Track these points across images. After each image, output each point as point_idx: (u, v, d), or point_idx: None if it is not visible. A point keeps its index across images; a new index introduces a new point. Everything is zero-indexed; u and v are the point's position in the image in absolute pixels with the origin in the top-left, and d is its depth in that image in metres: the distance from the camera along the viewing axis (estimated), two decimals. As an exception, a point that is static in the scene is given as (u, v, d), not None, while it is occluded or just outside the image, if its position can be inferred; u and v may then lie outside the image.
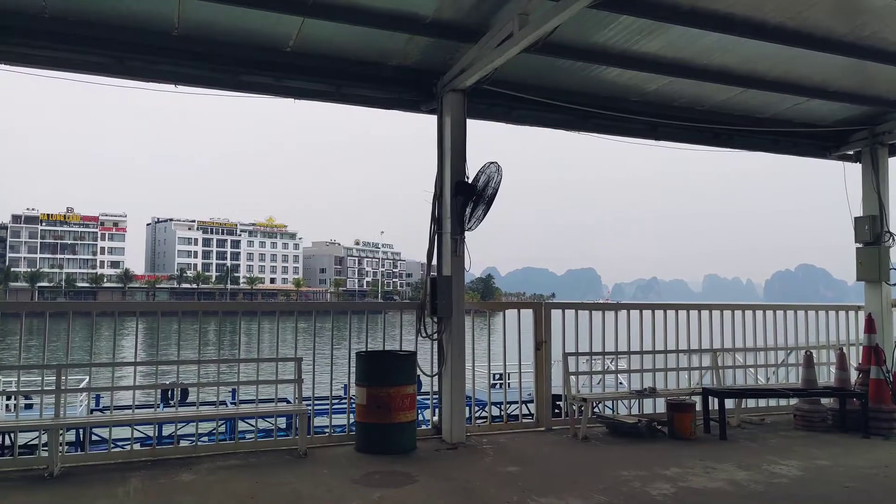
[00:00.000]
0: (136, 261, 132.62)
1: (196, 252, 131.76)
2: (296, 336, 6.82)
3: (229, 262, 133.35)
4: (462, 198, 6.58)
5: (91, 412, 10.28)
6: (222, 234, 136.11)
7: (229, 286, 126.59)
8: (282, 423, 10.05)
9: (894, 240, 8.50)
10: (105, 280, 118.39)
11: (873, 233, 8.49)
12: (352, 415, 6.54)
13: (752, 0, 5.60)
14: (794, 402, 7.73)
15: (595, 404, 7.58)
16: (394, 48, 6.39)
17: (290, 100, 6.78)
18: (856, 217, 8.68)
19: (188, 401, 9.67)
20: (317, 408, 6.85)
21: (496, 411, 12.11)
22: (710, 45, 6.42)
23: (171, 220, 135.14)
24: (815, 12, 5.77)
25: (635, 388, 7.66)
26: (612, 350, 7.71)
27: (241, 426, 9.51)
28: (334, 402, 7.26)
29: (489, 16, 5.80)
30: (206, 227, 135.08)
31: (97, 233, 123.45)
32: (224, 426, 11.06)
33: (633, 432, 6.99)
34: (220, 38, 6.06)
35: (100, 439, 9.57)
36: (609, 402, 12.23)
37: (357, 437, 6.35)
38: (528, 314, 7.58)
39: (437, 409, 6.93)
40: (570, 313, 7.61)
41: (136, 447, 6.35)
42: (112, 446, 6.38)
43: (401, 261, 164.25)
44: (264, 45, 6.22)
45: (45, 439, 5.83)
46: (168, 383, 7.07)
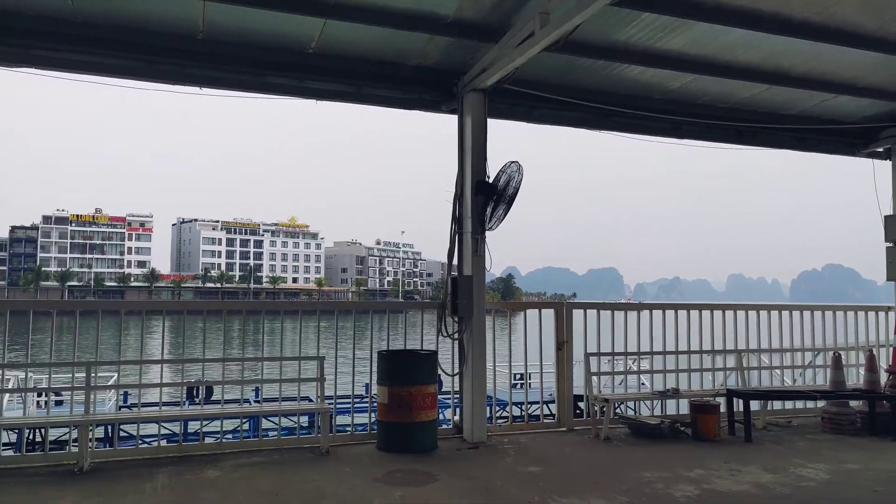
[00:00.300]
0: (161, 260, 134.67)
1: (220, 252, 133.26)
2: (318, 335, 6.88)
3: (252, 262, 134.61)
4: (483, 197, 6.58)
5: (119, 409, 10.45)
6: (245, 234, 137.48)
7: (252, 285, 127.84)
8: (304, 421, 10.16)
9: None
10: (132, 279, 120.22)
11: (904, 231, 8.32)
12: (373, 414, 6.58)
13: (777, -4, 5.54)
14: (821, 404, 7.61)
15: (617, 405, 7.53)
16: (414, 48, 6.42)
17: (305, 101, 6.86)
18: (886, 216, 8.50)
19: (213, 398, 9.81)
20: (339, 406, 6.90)
21: (517, 411, 12.07)
22: (734, 42, 6.35)
23: (196, 220, 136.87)
24: (842, 7, 5.68)
25: (658, 389, 7.60)
26: (635, 350, 7.66)
27: (265, 424, 9.62)
28: (356, 400, 7.30)
29: (510, 15, 5.80)
30: (230, 228, 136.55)
31: (124, 233, 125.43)
32: (248, 424, 11.18)
33: (655, 433, 6.93)
34: (244, 40, 6.13)
35: (127, 436, 9.74)
36: (631, 403, 12.14)
37: (378, 435, 6.39)
38: (549, 314, 7.56)
39: (458, 409, 6.94)
40: (591, 313, 7.58)
41: (163, 443, 6.45)
42: (140, 442, 6.50)
43: (421, 260, 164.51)
44: (287, 46, 6.28)
45: (75, 435, 5.95)
46: (193, 381, 7.18)
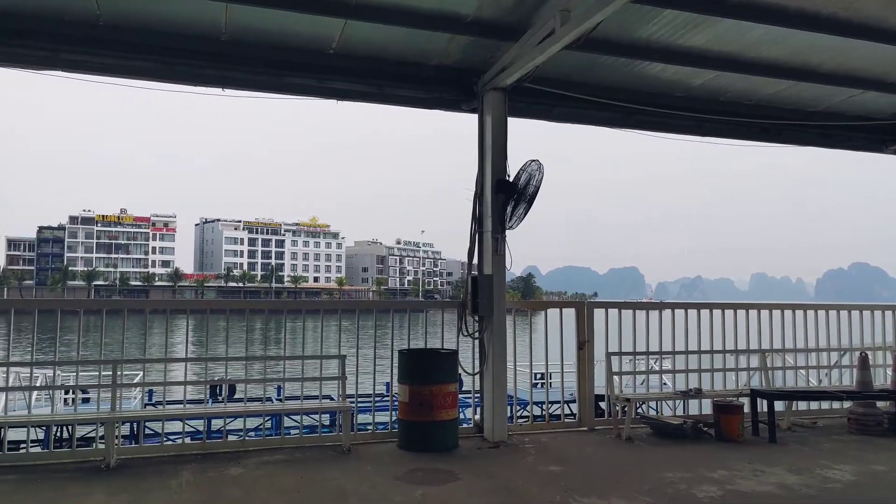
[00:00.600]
0: (185, 260, 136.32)
1: (242, 251, 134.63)
2: (339, 334, 6.92)
3: (274, 262, 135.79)
4: (503, 196, 6.57)
5: (144, 407, 10.61)
6: (267, 233, 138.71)
7: (274, 285, 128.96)
8: (326, 419, 10.22)
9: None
10: (156, 279, 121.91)
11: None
12: (394, 412, 6.61)
13: (802, -10, 5.46)
14: (847, 405, 7.49)
15: (639, 405, 7.47)
16: (434, 48, 6.42)
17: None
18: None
19: (236, 397, 9.91)
20: (360, 405, 6.93)
21: (538, 410, 12.05)
22: (759, 38, 6.27)
23: (218, 220, 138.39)
24: (867, 3, 5.57)
25: (680, 389, 7.53)
26: (656, 350, 7.60)
27: (287, 422, 9.69)
28: (377, 399, 7.33)
29: (530, 13, 5.78)
30: (252, 228, 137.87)
31: (149, 233, 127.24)
32: (270, 422, 11.29)
33: (678, 434, 6.87)
34: (266, 41, 6.18)
35: (153, 433, 9.89)
36: (653, 403, 12.05)
37: (400, 434, 6.41)
38: (570, 313, 7.52)
39: (478, 408, 6.94)
40: (613, 312, 7.53)
41: (188, 441, 6.54)
42: (164, 440, 6.59)
43: (441, 260, 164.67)
44: (308, 47, 6.32)
45: (101, 432, 6.05)
46: (217, 379, 7.26)
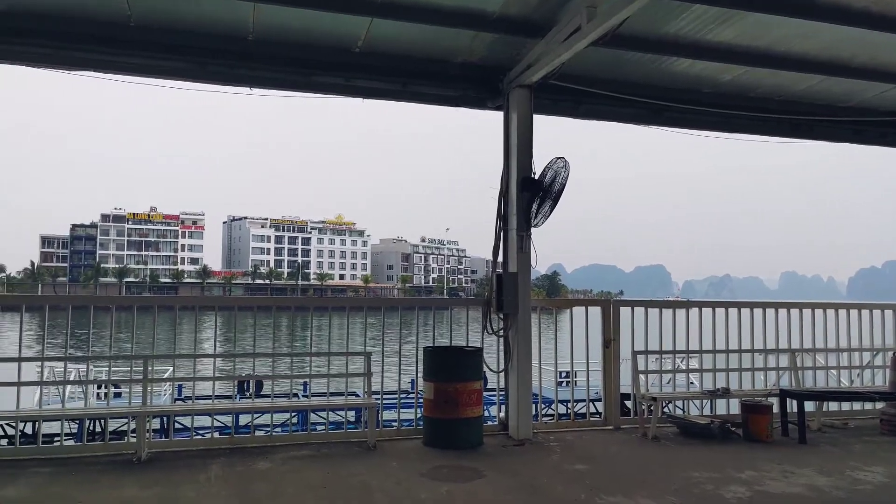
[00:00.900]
0: (213, 257, 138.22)
1: (269, 249, 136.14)
2: (365, 331, 6.97)
3: (300, 259, 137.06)
4: (528, 194, 6.55)
5: (174, 401, 10.79)
6: (293, 231, 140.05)
7: (300, 282, 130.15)
8: (351, 416, 10.29)
9: None
10: (185, 276, 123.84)
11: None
12: (419, 409, 6.64)
13: (834, -16, 5.36)
14: (880, 405, 7.35)
15: (665, 404, 7.41)
16: (460, 45, 6.43)
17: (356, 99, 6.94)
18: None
19: (263, 392, 10.03)
20: (385, 402, 6.98)
21: (563, 409, 12.01)
22: (789, 32, 6.16)
23: (246, 218, 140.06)
24: (902, -5, 5.46)
25: (707, 389, 7.45)
26: (683, 349, 7.53)
27: (313, 418, 9.79)
28: (402, 396, 7.37)
29: (556, 10, 5.75)
30: (279, 225, 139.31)
31: (178, 230, 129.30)
32: (297, 418, 11.41)
33: (705, 433, 6.80)
34: (293, 40, 6.24)
35: (182, 427, 10.06)
36: (679, 402, 11.93)
37: (424, 431, 6.44)
38: (595, 312, 7.48)
39: (503, 406, 6.94)
40: (639, 311, 7.47)
41: (216, 435, 6.64)
42: (194, 434, 6.70)
43: (465, 257, 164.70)
44: (334, 46, 6.36)
45: (133, 426, 6.18)
46: (244, 375, 7.36)
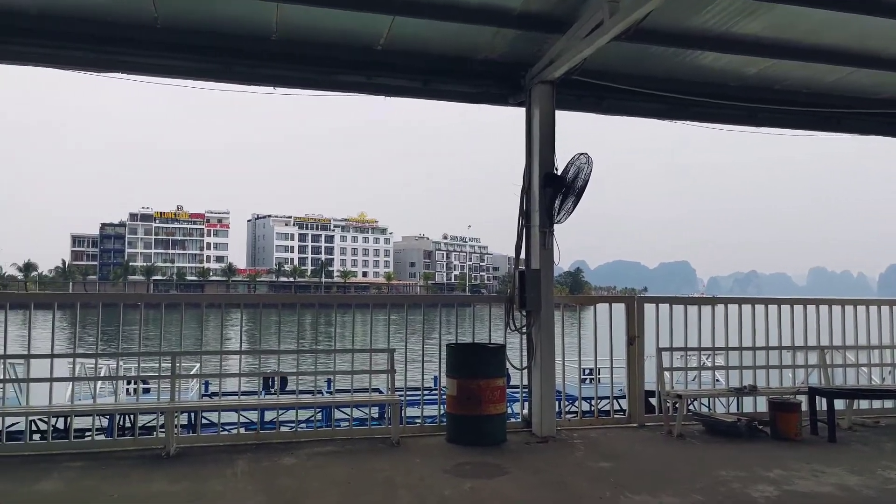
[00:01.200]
0: (238, 255, 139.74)
1: (293, 247, 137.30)
2: (388, 328, 7.00)
3: (324, 257, 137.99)
4: (551, 190, 6.53)
5: (201, 397, 10.94)
6: (317, 229, 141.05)
7: (324, 279, 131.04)
8: (375, 412, 10.34)
9: None
10: (211, 274, 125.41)
11: None
12: (442, 406, 6.66)
13: (864, -26, 5.25)
14: (913, 404, 7.19)
15: (690, 401, 7.33)
16: (481, 42, 6.42)
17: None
18: None
19: (287, 389, 10.12)
20: (408, 398, 7.01)
21: (587, 406, 11.95)
22: (818, 23, 6.06)
23: (270, 216, 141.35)
24: (936, -17, 5.33)
25: (734, 386, 7.35)
26: (709, 346, 7.44)
27: (337, 414, 9.87)
28: (425, 393, 7.40)
29: (578, 5, 5.72)
30: (302, 223, 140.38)
31: (203, 229, 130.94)
32: (321, 414, 11.50)
33: (731, 431, 6.72)
34: (316, 39, 6.28)
35: (209, 423, 10.20)
36: (705, 400, 11.78)
37: (448, 427, 6.46)
38: (619, 308, 7.43)
39: (526, 402, 6.93)
40: (663, 307, 7.40)
41: (242, 431, 6.73)
42: (220, 429, 6.80)
43: (487, 254, 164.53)
44: (356, 44, 6.40)
45: (161, 421, 6.29)
46: (270, 372, 7.44)
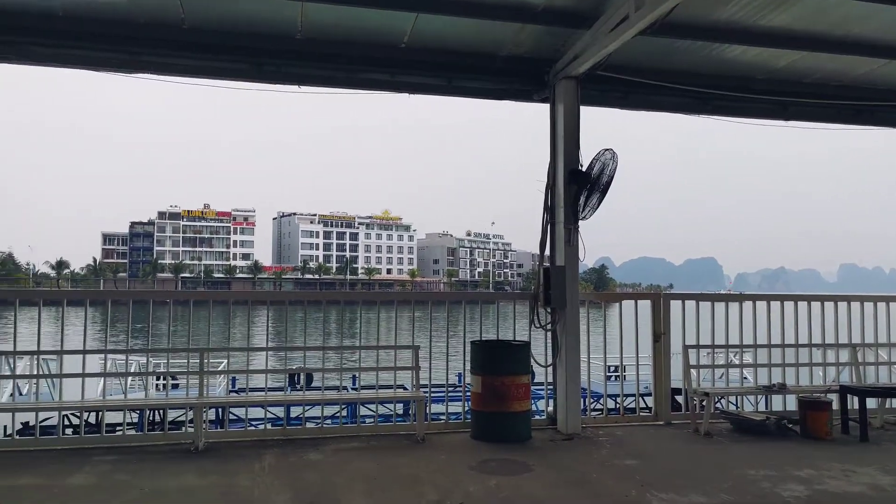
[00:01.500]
0: (263, 253, 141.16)
1: (318, 244, 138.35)
2: (413, 325, 7.02)
3: (348, 254, 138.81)
4: (576, 186, 6.49)
5: (228, 393, 11.09)
6: (341, 226, 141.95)
7: (348, 277, 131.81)
8: (399, 409, 10.40)
9: None
10: (238, 271, 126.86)
11: None
12: (467, 403, 6.66)
13: (897, -38, 5.13)
14: (949, 403, 7.02)
15: (717, 399, 7.25)
16: (505, 38, 6.40)
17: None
18: None
19: (313, 385, 10.21)
20: (433, 395, 7.02)
21: (612, 403, 11.87)
22: (848, 14, 5.94)
23: (295, 214, 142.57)
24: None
25: (762, 384, 7.25)
26: (737, 343, 7.35)
27: (362, 411, 9.95)
28: (449, 390, 7.41)
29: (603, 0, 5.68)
30: (327, 221, 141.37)
31: (230, 227, 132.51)
32: (346, 410, 11.58)
33: (760, 430, 6.63)
34: (340, 38, 6.32)
35: (236, 418, 10.33)
36: (732, 398, 11.62)
37: (472, 424, 6.46)
38: (645, 305, 7.36)
39: (551, 400, 6.91)
40: (690, 304, 7.32)
41: (269, 426, 6.80)
42: (248, 425, 6.88)
43: (511, 251, 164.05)
44: (380, 42, 6.42)
45: (190, 416, 6.38)
46: (296, 368, 7.51)
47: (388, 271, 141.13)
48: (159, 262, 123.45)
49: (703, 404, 6.74)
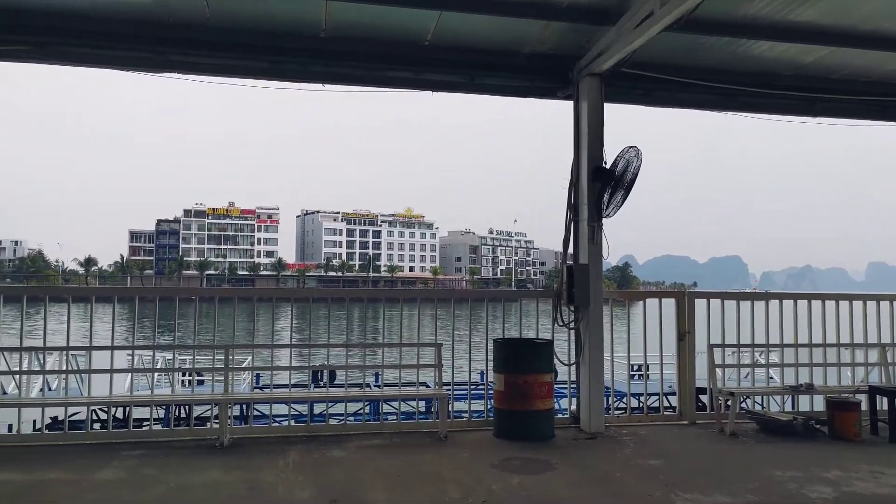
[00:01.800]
0: (287, 250, 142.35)
1: (341, 242, 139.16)
2: (435, 322, 7.04)
3: (371, 252, 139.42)
4: (600, 184, 6.45)
5: (252, 389, 11.21)
6: (364, 224, 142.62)
7: (371, 274, 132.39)
8: (422, 406, 10.44)
9: None
10: (262, 269, 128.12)
11: None
12: (489, 401, 6.66)
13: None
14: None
15: (743, 399, 7.16)
16: (529, 36, 6.38)
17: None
18: None
19: (336, 382, 10.29)
20: (456, 392, 7.03)
21: (636, 402, 11.79)
22: (878, 9, 5.82)
23: (318, 212, 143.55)
24: None
25: (789, 384, 7.14)
26: (763, 342, 7.25)
27: (385, 408, 10.01)
28: (472, 387, 7.41)
29: (628, -5, 5.64)
30: (350, 219, 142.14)
31: (254, 225, 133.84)
32: (369, 407, 11.66)
33: (787, 430, 6.54)
34: (363, 36, 6.34)
35: (260, 414, 10.45)
36: (758, 398, 11.49)
37: (495, 422, 6.46)
38: (669, 304, 7.29)
39: (574, 398, 6.88)
40: (715, 303, 7.24)
41: (292, 423, 6.87)
42: (272, 421, 6.96)
43: (534, 249, 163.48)
44: (404, 40, 6.44)
45: (215, 412, 6.47)
46: (319, 365, 7.57)
47: (411, 269, 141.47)
48: (185, 259, 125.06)
49: (729, 404, 6.67)
